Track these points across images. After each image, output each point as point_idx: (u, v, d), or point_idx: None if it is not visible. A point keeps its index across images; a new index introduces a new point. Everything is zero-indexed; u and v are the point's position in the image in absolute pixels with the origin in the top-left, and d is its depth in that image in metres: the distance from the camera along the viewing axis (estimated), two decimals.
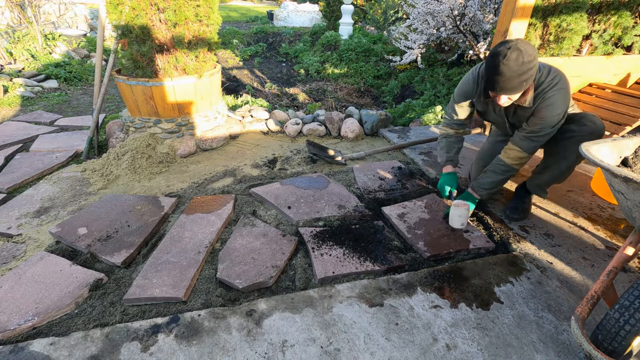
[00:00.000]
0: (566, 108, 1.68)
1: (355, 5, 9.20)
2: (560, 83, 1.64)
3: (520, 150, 1.77)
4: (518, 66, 1.47)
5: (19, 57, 5.75)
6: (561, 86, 1.64)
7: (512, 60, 1.47)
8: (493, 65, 1.52)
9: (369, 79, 5.89)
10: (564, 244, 1.86)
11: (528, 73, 1.51)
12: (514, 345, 1.33)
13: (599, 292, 1.24)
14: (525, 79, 1.52)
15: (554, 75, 1.65)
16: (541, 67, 1.68)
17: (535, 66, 1.52)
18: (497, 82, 1.54)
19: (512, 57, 1.47)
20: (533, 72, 1.53)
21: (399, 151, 3.02)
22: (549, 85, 1.64)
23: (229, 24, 10.34)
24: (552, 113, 1.65)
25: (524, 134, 1.75)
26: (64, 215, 2.17)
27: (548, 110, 1.65)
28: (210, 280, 1.65)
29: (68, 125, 3.69)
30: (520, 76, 1.50)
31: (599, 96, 3.07)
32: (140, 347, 1.30)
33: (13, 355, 1.27)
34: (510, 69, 1.48)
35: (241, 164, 2.82)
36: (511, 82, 1.51)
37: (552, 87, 1.63)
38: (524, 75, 1.50)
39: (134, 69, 2.84)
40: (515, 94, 1.58)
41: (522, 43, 1.50)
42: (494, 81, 1.54)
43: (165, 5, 2.67)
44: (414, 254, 1.81)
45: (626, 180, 1.23)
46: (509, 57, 1.47)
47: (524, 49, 1.48)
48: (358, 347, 1.30)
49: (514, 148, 1.79)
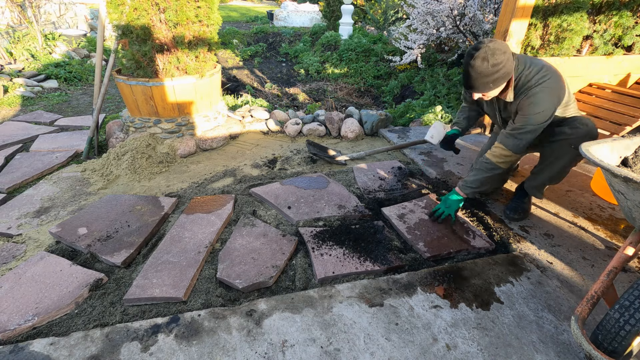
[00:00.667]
0: (551, 107, 1.68)
1: (355, 5, 9.20)
2: (548, 82, 1.64)
3: (504, 148, 1.79)
4: (484, 69, 1.57)
5: (19, 57, 5.75)
6: (549, 85, 1.64)
7: (477, 64, 1.58)
8: (464, 66, 1.63)
9: (369, 79, 5.89)
10: (564, 244, 1.86)
11: (495, 75, 1.58)
12: (514, 345, 1.33)
13: (599, 292, 1.24)
14: (493, 80, 1.60)
15: (544, 74, 1.65)
16: (533, 63, 1.69)
17: (504, 67, 1.58)
18: (467, 81, 1.66)
19: (478, 61, 1.57)
20: (502, 73, 1.59)
21: (399, 151, 3.02)
22: (536, 82, 1.65)
23: (229, 24, 10.35)
24: (534, 110, 1.66)
25: (507, 131, 1.79)
26: (64, 215, 2.17)
27: (530, 107, 1.67)
28: (210, 280, 1.65)
29: (68, 125, 3.69)
30: (486, 77, 1.59)
31: (599, 96, 3.07)
32: (140, 347, 1.30)
33: (13, 355, 1.27)
34: (476, 72, 1.59)
35: (241, 164, 2.82)
36: (478, 82, 1.62)
37: (538, 85, 1.64)
38: (490, 77, 1.59)
39: (134, 69, 2.84)
40: (486, 92, 1.65)
41: (492, 46, 1.56)
42: (466, 80, 1.67)
43: (166, 5, 2.67)
44: (414, 254, 1.81)
45: (626, 180, 1.23)
46: (475, 60, 1.57)
47: (491, 53, 1.55)
48: (358, 347, 1.30)
49: (498, 145, 1.82)
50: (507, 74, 1.62)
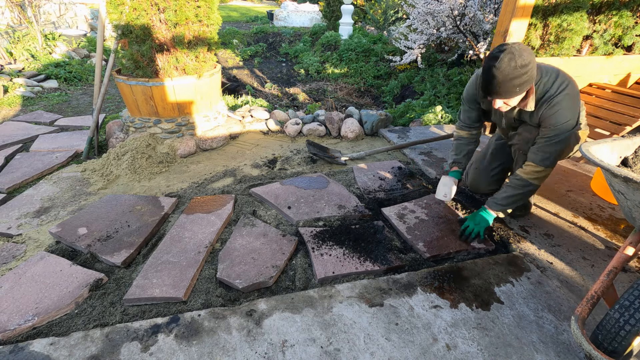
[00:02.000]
0: (576, 114, 1.61)
1: (355, 5, 9.20)
2: (569, 88, 1.58)
3: (534, 165, 1.69)
4: (510, 70, 1.45)
5: (19, 57, 5.75)
6: (570, 91, 1.58)
7: (504, 64, 1.44)
8: (487, 69, 1.51)
9: (369, 79, 5.89)
10: (564, 244, 1.86)
11: (522, 77, 1.47)
12: (514, 345, 1.33)
13: (599, 292, 1.24)
14: (520, 84, 1.48)
15: (563, 80, 1.59)
16: (548, 70, 1.63)
17: (531, 70, 1.49)
18: (490, 86, 1.52)
19: (505, 61, 1.44)
20: (529, 77, 1.49)
21: (399, 151, 3.02)
22: (557, 90, 1.58)
23: (229, 24, 10.35)
24: (560, 120, 1.58)
25: (535, 147, 1.69)
26: (64, 215, 2.17)
27: (556, 117, 1.59)
28: (210, 280, 1.65)
29: (68, 125, 3.69)
30: (512, 80, 1.47)
31: (599, 96, 3.07)
32: (140, 347, 1.30)
33: (13, 355, 1.27)
34: (502, 73, 1.46)
35: (241, 164, 2.82)
36: (504, 87, 1.49)
37: (560, 93, 1.57)
38: (517, 80, 1.47)
39: (134, 69, 2.84)
40: (510, 98, 1.55)
41: (518, 47, 1.46)
42: (488, 85, 1.53)
43: (165, 5, 2.67)
44: (414, 254, 1.81)
45: (626, 180, 1.23)
46: (501, 61, 1.45)
47: (518, 53, 1.44)
48: (358, 347, 1.30)
49: (528, 163, 1.72)
50: (533, 78, 1.51)
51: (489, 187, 2.15)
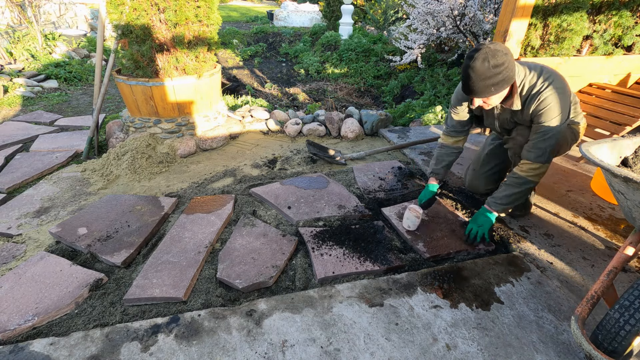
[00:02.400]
0: (565, 108, 1.62)
1: (355, 5, 9.20)
2: (554, 83, 1.59)
3: (530, 162, 1.70)
4: (484, 70, 1.48)
5: (19, 57, 5.75)
6: (556, 86, 1.59)
7: (478, 64, 1.48)
8: (464, 69, 1.55)
9: (369, 79, 5.89)
10: (564, 244, 1.86)
11: (496, 77, 1.50)
12: (514, 345, 1.33)
13: (599, 292, 1.24)
14: (494, 83, 1.51)
15: (547, 76, 1.60)
16: (532, 67, 1.64)
17: (506, 70, 1.51)
18: (467, 85, 1.56)
19: (479, 61, 1.48)
20: (504, 77, 1.52)
21: (399, 151, 3.02)
22: (542, 86, 1.60)
23: (229, 24, 10.35)
24: (550, 116, 1.60)
25: (529, 145, 1.70)
26: (64, 215, 2.17)
27: (545, 114, 1.61)
28: (210, 280, 1.65)
29: (68, 125, 3.69)
30: (486, 80, 1.50)
31: (599, 96, 3.07)
32: (140, 347, 1.30)
33: (13, 355, 1.27)
34: (476, 73, 1.50)
35: (241, 164, 2.82)
36: (479, 86, 1.52)
37: (545, 88, 1.59)
38: (491, 79, 1.50)
39: (134, 69, 2.84)
40: (487, 97, 1.57)
41: (493, 47, 1.49)
42: (465, 84, 1.57)
43: (165, 5, 2.67)
44: (414, 254, 1.81)
45: (626, 180, 1.23)
46: (475, 61, 1.49)
47: (491, 54, 1.48)
48: (358, 347, 1.30)
49: (524, 161, 1.73)
50: (510, 77, 1.54)
51: (487, 187, 2.15)
